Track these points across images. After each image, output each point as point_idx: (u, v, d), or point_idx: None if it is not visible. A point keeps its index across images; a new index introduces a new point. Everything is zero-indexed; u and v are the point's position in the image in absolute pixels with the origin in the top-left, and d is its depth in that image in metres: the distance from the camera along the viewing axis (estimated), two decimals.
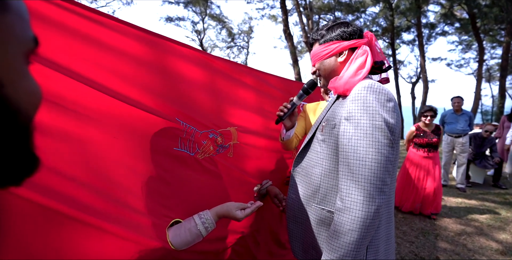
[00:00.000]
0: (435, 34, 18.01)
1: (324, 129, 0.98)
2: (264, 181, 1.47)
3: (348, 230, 0.81)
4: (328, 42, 1.01)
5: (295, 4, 13.57)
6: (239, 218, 0.97)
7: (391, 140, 0.83)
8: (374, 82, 0.89)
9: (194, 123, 1.09)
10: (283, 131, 1.36)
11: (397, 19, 16.27)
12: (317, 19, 16.92)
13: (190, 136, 1.08)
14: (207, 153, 1.16)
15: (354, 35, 1.00)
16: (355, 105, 0.87)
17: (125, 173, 0.86)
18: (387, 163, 0.82)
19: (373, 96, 0.85)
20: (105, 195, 0.78)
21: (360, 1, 16.72)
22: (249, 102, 1.42)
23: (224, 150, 1.28)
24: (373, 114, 0.83)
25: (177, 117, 1.03)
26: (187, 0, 17.67)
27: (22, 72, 0.28)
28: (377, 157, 0.81)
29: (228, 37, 21.79)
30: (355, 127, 0.85)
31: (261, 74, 1.50)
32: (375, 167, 0.80)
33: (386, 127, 0.82)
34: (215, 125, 1.23)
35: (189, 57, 1.11)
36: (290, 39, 13.10)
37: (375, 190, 0.80)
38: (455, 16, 15.64)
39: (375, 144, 0.81)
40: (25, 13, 0.29)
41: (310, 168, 1.02)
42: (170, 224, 0.91)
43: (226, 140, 1.29)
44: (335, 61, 1.02)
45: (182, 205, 1.01)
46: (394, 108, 0.86)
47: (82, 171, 0.76)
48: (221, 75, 1.26)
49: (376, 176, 0.80)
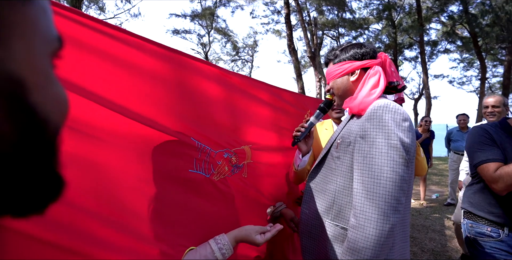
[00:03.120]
0: (437, 51, 18.30)
1: (339, 146, 1.00)
2: (278, 203, 1.41)
3: (362, 247, 0.81)
4: (341, 62, 1.06)
5: (300, 19, 13.89)
6: (259, 243, 0.91)
7: (406, 159, 0.84)
8: (390, 102, 0.91)
9: (208, 143, 1.05)
10: (298, 157, 1.30)
11: (399, 36, 16.58)
12: (321, 35, 17.27)
13: (205, 156, 1.03)
14: (222, 174, 1.11)
15: (366, 56, 1.04)
16: (371, 124, 0.89)
17: (139, 200, 0.80)
18: (402, 182, 0.82)
19: (388, 116, 0.87)
20: (118, 226, 0.72)
21: (364, 18, 17.12)
22: (263, 119, 1.38)
23: (239, 170, 1.23)
24: (388, 133, 0.85)
25: (192, 137, 0.99)
26: (194, 14, 18.15)
27: (50, 76, 0.24)
28: (392, 176, 0.82)
29: (232, 51, 22.21)
30: (370, 146, 0.86)
31: (275, 90, 1.47)
32: (389, 185, 0.81)
33: (401, 146, 0.83)
34: (229, 144, 1.18)
35: (204, 73, 1.08)
36: (294, 54, 13.31)
37: (389, 208, 0.81)
38: (457, 35, 15.92)
39: (390, 162, 0.82)
40: (48, 8, 0.24)
41: (324, 184, 1.04)
42: (185, 253, 0.85)
43: (240, 159, 1.24)
44: (348, 81, 1.05)
45: (198, 231, 0.95)
46: (409, 128, 0.88)
47: (93, 199, 0.70)
48: (236, 92, 1.22)
49: (390, 195, 0.81)
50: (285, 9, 13.18)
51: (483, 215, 1.45)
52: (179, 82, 0.98)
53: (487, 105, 2.37)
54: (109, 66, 0.78)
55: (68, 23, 0.69)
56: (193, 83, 1.03)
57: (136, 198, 0.80)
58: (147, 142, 0.86)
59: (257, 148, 1.32)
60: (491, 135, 1.42)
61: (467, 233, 1.54)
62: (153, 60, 0.89)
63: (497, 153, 1.36)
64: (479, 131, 1.47)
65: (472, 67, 19.92)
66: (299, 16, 13.95)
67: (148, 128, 0.86)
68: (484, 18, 12.35)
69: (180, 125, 0.97)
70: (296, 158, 1.33)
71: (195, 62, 1.05)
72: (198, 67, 1.06)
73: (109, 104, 0.77)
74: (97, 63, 0.75)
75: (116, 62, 0.80)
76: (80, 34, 0.71)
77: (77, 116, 0.71)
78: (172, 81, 0.96)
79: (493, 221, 1.41)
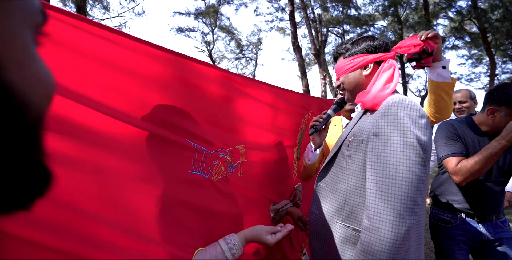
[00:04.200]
0: (445, 48, 17.97)
1: (350, 144, 0.96)
2: (284, 201, 1.40)
3: (376, 250, 0.77)
4: (353, 56, 1.01)
5: (304, 17, 13.77)
6: (270, 243, 0.90)
7: (423, 158, 0.80)
8: (405, 98, 0.87)
9: (203, 144, 1.04)
10: (310, 151, 1.30)
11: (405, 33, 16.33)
12: (326, 32, 17.11)
13: (201, 157, 1.02)
14: (220, 174, 1.10)
15: (380, 49, 1.00)
16: (385, 121, 0.84)
17: (145, 202, 0.79)
18: (419, 182, 0.78)
19: (404, 112, 0.83)
20: (124, 228, 0.72)
21: (369, 14, 16.90)
22: (260, 119, 1.37)
23: (234, 170, 1.22)
24: (404, 130, 0.81)
25: (187, 138, 0.97)
26: (197, 12, 18.15)
27: (30, 53, 0.21)
28: (408, 176, 0.77)
29: (236, 49, 22.17)
30: (385, 144, 0.83)
31: (279, 91, 1.46)
32: (406, 186, 0.77)
33: (418, 144, 0.80)
34: (224, 144, 1.17)
35: (202, 74, 1.07)
36: (299, 51, 13.21)
37: (405, 210, 0.77)
38: (466, 30, 15.61)
39: (406, 162, 0.79)
40: None
41: (335, 184, 1.00)
42: (194, 254, 0.84)
43: (235, 159, 1.23)
44: (360, 75, 1.01)
45: (204, 232, 0.94)
46: (426, 125, 0.83)
47: (98, 202, 0.70)
48: (230, 91, 1.21)
49: (407, 196, 0.77)
50: (289, 6, 13.08)
51: (445, 201, 1.63)
52: (173, 83, 0.97)
53: (455, 102, 2.34)
54: (103, 69, 0.77)
55: (67, 28, 0.68)
56: (187, 84, 1.02)
57: (142, 200, 0.79)
58: (145, 144, 0.86)
59: (251, 147, 1.31)
60: (456, 130, 1.55)
61: (431, 219, 1.73)
62: (146, 62, 0.87)
63: (460, 148, 1.50)
64: (446, 126, 1.60)
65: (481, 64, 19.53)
66: (303, 13, 13.82)
67: (145, 132, 0.85)
68: (493, 13, 12.07)
69: (175, 127, 0.95)
70: (308, 151, 1.32)
71: (190, 62, 1.03)
72: (192, 68, 1.04)
73: (105, 110, 0.76)
74: (92, 66, 0.75)
75: (109, 64, 0.78)
76: (76, 38, 0.70)
77: (74, 121, 0.70)
78: (165, 83, 0.94)
79: (453, 207, 1.60)
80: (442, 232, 1.64)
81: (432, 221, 1.73)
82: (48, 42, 0.65)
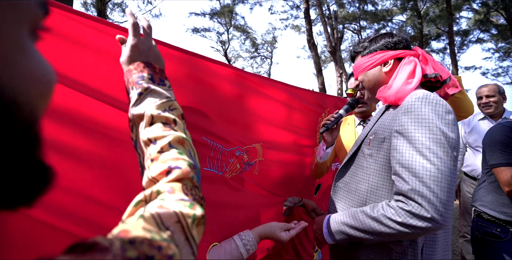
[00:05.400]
0: (469, 41, 17.12)
1: (371, 143, 0.92)
2: (297, 198, 1.41)
3: (380, 223, 0.77)
4: (372, 53, 0.99)
5: (319, 14, 13.57)
6: (284, 240, 0.91)
7: (452, 156, 0.74)
8: (429, 93, 0.82)
9: (220, 141, 1.07)
10: (321, 149, 1.31)
11: (426, 27, 15.70)
12: (342, 29, 16.78)
13: (217, 154, 1.05)
14: (234, 172, 1.13)
15: (399, 45, 0.97)
16: (408, 118, 0.80)
17: None
18: (449, 182, 0.73)
19: (428, 108, 0.78)
20: None
21: (386, 9, 16.39)
22: (277, 118, 1.38)
23: (250, 168, 1.24)
24: (430, 127, 0.76)
25: (204, 136, 1.00)
26: (213, 12, 18.34)
27: (23, 49, 0.20)
28: (437, 175, 0.72)
29: (251, 47, 22.20)
30: (409, 142, 0.77)
31: (294, 90, 1.47)
32: (434, 186, 0.72)
33: (446, 142, 0.74)
34: (241, 142, 1.19)
35: (217, 73, 1.09)
36: (314, 49, 13.04)
37: None
38: (492, 23, 14.79)
39: (434, 159, 0.73)
40: None
41: (355, 184, 0.96)
42: (209, 248, 0.87)
43: (252, 157, 1.25)
44: (380, 72, 0.98)
45: (217, 227, 0.96)
46: (454, 122, 0.78)
47: (113, 196, 0.74)
48: (247, 90, 1.23)
49: (436, 196, 0.73)
50: (304, 3, 12.92)
51: (494, 214, 1.45)
52: (189, 82, 1.00)
53: (481, 96, 2.19)
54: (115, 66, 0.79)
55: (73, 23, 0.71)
56: (204, 83, 1.05)
57: None
58: None
59: (268, 146, 1.33)
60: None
61: (476, 231, 1.55)
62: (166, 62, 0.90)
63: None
64: (504, 130, 1.41)
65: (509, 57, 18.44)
66: (318, 10, 13.63)
67: None
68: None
69: (191, 125, 0.98)
70: (319, 150, 1.33)
71: (204, 62, 1.05)
72: (209, 67, 1.07)
73: (123, 106, 0.79)
74: (105, 63, 0.77)
75: None
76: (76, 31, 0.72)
77: (91, 117, 0.74)
78: (182, 81, 0.97)
79: (504, 221, 1.42)
80: (489, 247, 1.47)
81: (476, 234, 1.55)
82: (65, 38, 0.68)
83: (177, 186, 0.45)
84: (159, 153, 0.50)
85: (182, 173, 0.47)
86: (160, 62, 0.69)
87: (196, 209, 0.42)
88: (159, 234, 0.32)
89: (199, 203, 0.47)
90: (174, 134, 0.53)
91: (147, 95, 0.58)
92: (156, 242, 0.29)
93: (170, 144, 0.51)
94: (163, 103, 0.57)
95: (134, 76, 0.60)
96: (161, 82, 0.63)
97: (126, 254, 0.23)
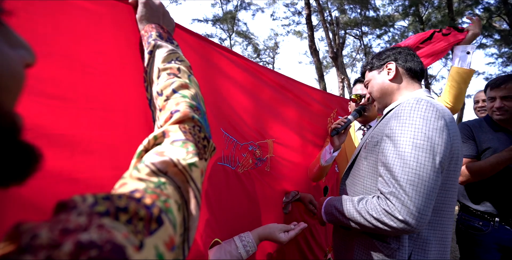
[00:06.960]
0: None
1: (367, 146, 0.97)
2: (293, 193, 1.39)
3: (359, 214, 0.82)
4: (378, 67, 1.06)
5: (321, 19, 13.69)
6: (283, 241, 0.92)
7: (434, 162, 0.74)
8: (421, 99, 0.83)
9: (235, 135, 1.05)
10: (327, 152, 1.32)
11: None
12: (343, 34, 16.90)
13: (231, 148, 1.03)
14: (246, 167, 1.10)
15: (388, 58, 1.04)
16: (397, 122, 0.82)
17: None
18: (427, 189, 0.73)
19: (417, 113, 0.80)
20: None
21: (388, 15, 16.52)
22: (289, 116, 1.39)
23: (262, 164, 1.22)
24: (415, 132, 0.77)
25: (222, 128, 0.98)
26: (215, 18, 18.57)
27: None
28: (414, 179, 0.73)
29: (254, 53, 22.38)
30: (394, 145, 0.80)
31: (305, 88, 1.47)
32: (410, 189, 0.74)
33: (430, 147, 0.74)
34: (253, 137, 1.18)
35: (238, 66, 1.09)
36: (316, 54, 13.11)
37: None
38: (494, 28, 14.85)
39: (414, 164, 0.74)
40: None
41: (352, 186, 1.01)
42: (211, 244, 0.84)
43: (264, 153, 1.23)
44: (384, 79, 1.04)
45: (223, 223, 0.94)
46: (443, 127, 0.77)
47: None
48: (264, 86, 1.23)
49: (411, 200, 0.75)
50: (306, 9, 13.06)
51: (476, 207, 1.56)
52: (208, 74, 0.98)
53: (478, 100, 2.30)
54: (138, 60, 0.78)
55: None
56: (222, 75, 1.03)
57: None
58: None
59: (279, 142, 1.31)
60: (471, 131, 1.56)
61: (459, 224, 1.66)
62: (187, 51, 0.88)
63: (470, 149, 1.53)
64: (461, 127, 1.62)
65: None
66: (320, 16, 13.75)
67: None
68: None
69: (210, 116, 0.96)
70: (325, 153, 1.34)
71: (227, 54, 1.05)
72: (232, 59, 1.06)
73: None
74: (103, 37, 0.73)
75: None
76: None
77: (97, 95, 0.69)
78: (201, 73, 0.95)
79: (485, 212, 1.51)
80: (471, 239, 1.58)
81: (460, 227, 1.66)
82: None
83: (173, 128, 0.44)
84: (165, 101, 0.51)
85: (182, 114, 0.47)
86: (171, 26, 0.72)
87: (188, 147, 0.41)
88: (153, 181, 0.33)
89: (196, 142, 0.45)
90: (178, 80, 0.54)
91: (156, 52, 0.59)
92: (139, 193, 0.29)
93: (174, 90, 0.52)
94: (169, 55, 0.59)
95: (145, 38, 0.63)
96: (169, 40, 0.64)
97: (94, 209, 0.23)
